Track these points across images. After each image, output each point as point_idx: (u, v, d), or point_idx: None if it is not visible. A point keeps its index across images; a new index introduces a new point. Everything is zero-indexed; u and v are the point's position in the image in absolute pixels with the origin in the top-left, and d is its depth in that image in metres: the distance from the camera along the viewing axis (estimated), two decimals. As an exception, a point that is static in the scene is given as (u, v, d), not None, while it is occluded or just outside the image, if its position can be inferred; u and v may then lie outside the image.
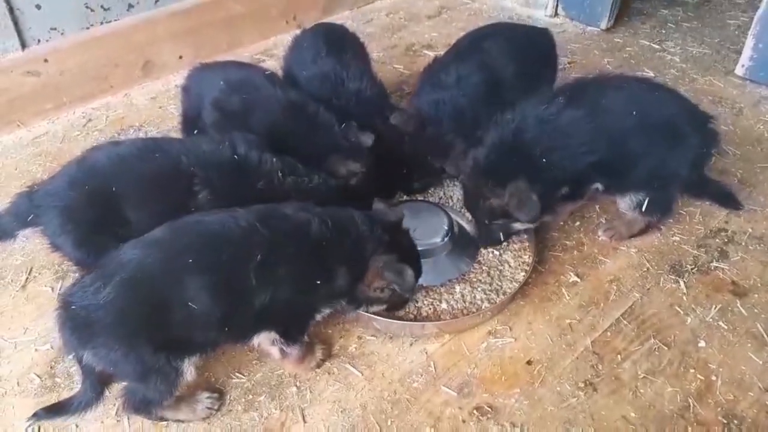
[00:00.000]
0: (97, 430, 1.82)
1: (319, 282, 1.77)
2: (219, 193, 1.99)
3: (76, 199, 1.92)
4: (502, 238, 2.28)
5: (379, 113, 2.51)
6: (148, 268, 1.63)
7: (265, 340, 1.82)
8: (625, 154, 2.18)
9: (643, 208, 2.29)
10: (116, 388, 1.82)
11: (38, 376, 1.95)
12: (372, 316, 2.03)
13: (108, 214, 1.94)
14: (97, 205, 1.93)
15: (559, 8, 3.94)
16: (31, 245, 2.37)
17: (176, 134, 2.80)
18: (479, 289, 2.21)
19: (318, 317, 1.89)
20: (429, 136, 2.43)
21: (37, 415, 1.75)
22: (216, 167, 2.02)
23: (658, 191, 2.29)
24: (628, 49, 3.67)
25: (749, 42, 3.31)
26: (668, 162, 2.22)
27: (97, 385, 1.75)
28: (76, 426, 1.81)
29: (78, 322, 1.62)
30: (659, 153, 2.20)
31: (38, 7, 2.95)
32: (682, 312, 2.16)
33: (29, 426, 1.80)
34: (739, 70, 3.39)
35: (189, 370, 1.72)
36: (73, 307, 1.62)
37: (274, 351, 1.86)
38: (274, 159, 2.07)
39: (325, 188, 2.11)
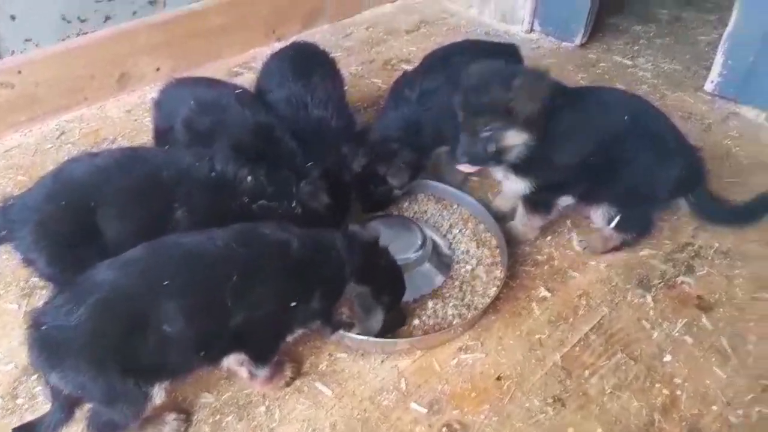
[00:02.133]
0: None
1: (295, 303, 1.77)
2: (196, 211, 1.98)
3: (52, 213, 1.88)
4: (487, 152, 2.17)
5: (339, 143, 2.45)
6: (122, 289, 1.61)
7: (233, 361, 1.81)
8: (604, 168, 2.22)
9: (612, 225, 2.32)
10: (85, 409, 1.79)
11: (0, 396, 1.93)
12: (344, 333, 2.03)
13: (84, 229, 1.90)
14: (74, 220, 1.90)
15: (535, 24, 4.00)
16: (-1, 261, 2.35)
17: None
18: (451, 304, 2.23)
19: (290, 339, 1.89)
20: (375, 145, 2.45)
21: None
22: (195, 183, 2.00)
23: (633, 209, 2.32)
24: (601, 64, 3.73)
25: (719, 58, 3.39)
26: (648, 182, 2.26)
27: (66, 405, 1.72)
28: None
29: (48, 343, 1.59)
30: (640, 171, 2.23)
31: (13, 18, 2.93)
32: (648, 326, 2.20)
33: None
34: (708, 86, 3.46)
35: (158, 394, 1.70)
36: (43, 327, 1.59)
37: (243, 372, 1.85)
38: (249, 178, 2.05)
39: (291, 215, 2.08)
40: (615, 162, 2.24)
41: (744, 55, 3.24)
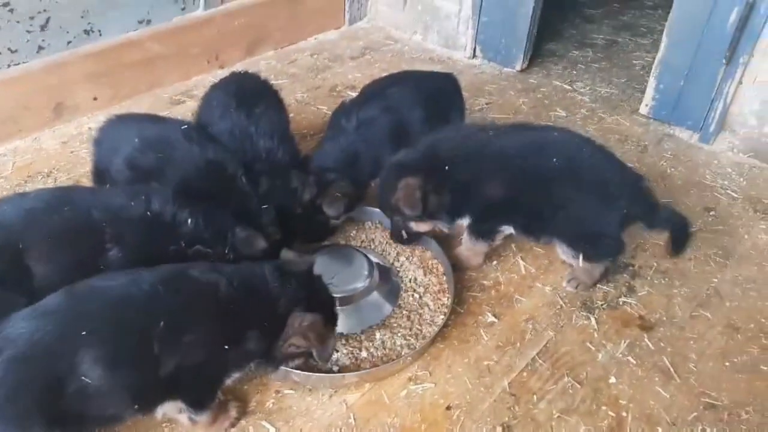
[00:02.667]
0: None
1: (227, 347, 1.71)
2: (130, 251, 1.91)
3: None
4: (404, 236, 2.43)
5: (286, 175, 2.44)
6: (38, 343, 1.52)
7: (171, 409, 1.74)
8: (547, 202, 2.27)
9: (580, 260, 2.34)
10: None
11: None
12: (290, 369, 1.98)
13: (12, 270, 1.82)
14: (1, 261, 1.81)
15: (477, 50, 4.09)
16: None
17: (88, 180, 2.68)
18: (399, 334, 2.21)
19: (228, 381, 1.83)
20: (313, 174, 2.45)
21: None
22: (128, 223, 1.94)
23: (592, 243, 2.33)
24: (542, 89, 3.84)
25: (651, 82, 3.54)
26: (595, 217, 2.30)
27: None
28: None
29: None
30: (585, 207, 2.27)
31: (-59, 48, 2.81)
32: (593, 348, 2.23)
33: None
34: (643, 109, 3.60)
35: None
36: None
37: (183, 418, 1.78)
38: (189, 220, 1.99)
39: (228, 259, 2.02)
40: (550, 203, 2.28)
41: (674, 79, 3.39)
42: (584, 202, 2.27)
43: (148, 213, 1.96)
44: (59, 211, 1.92)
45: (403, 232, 2.43)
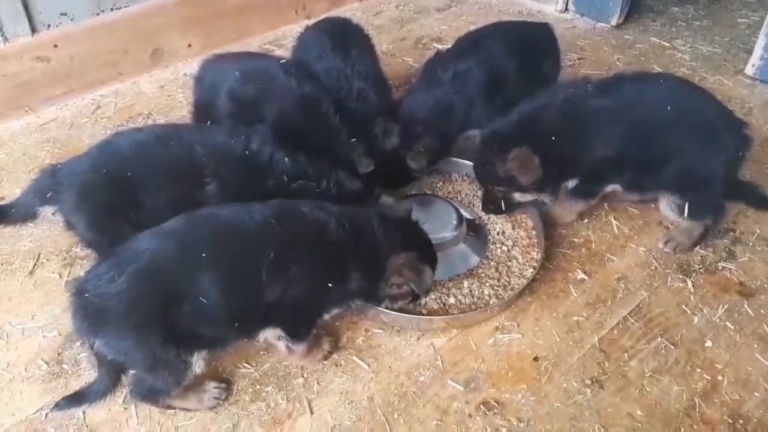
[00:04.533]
0: (104, 416, 1.82)
1: (331, 284, 1.77)
2: (228, 187, 1.99)
3: (95, 180, 1.95)
4: (503, 207, 2.34)
5: (377, 117, 2.45)
6: (161, 259, 1.63)
7: (270, 335, 1.82)
8: (656, 152, 2.17)
9: (686, 214, 2.26)
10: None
11: (45, 362, 1.96)
12: (380, 309, 2.03)
13: (124, 198, 1.95)
14: (114, 189, 1.95)
15: (570, 4, 3.92)
16: (39, 231, 2.38)
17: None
18: (487, 284, 2.22)
19: (327, 317, 1.89)
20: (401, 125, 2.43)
21: (58, 406, 1.76)
22: (227, 160, 2.01)
23: (699, 193, 2.25)
24: (638, 46, 3.65)
25: (760, 41, 3.30)
26: (703, 163, 2.20)
27: (112, 372, 1.76)
28: (83, 413, 1.82)
29: (90, 311, 1.62)
30: (694, 153, 2.18)
31: (48, -9, 2.95)
32: (689, 311, 2.17)
33: (48, 413, 1.80)
34: (749, 70, 3.37)
35: (198, 363, 1.73)
36: (86, 295, 1.62)
37: (280, 345, 1.86)
38: (286, 159, 2.04)
39: (329, 196, 2.05)
40: (661, 151, 2.19)
41: (788, 37, 3.15)
42: (693, 149, 2.18)
43: (247, 151, 2.03)
44: (167, 146, 2.02)
45: (502, 203, 2.35)
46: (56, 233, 2.34)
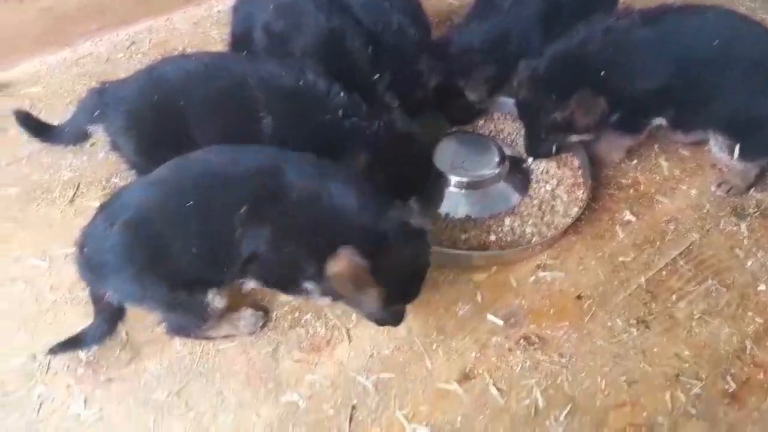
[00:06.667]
0: (147, 337, 1.85)
1: (290, 252, 1.62)
2: (282, 122, 1.90)
3: (143, 106, 1.91)
4: (553, 150, 2.25)
5: (417, 53, 2.34)
6: (147, 209, 1.60)
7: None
8: (702, 88, 2.04)
9: (736, 155, 2.13)
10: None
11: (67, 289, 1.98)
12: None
13: (172, 127, 1.91)
14: (162, 117, 1.91)
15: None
16: (78, 162, 2.38)
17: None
18: (529, 222, 2.15)
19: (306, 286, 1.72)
20: (456, 55, 2.33)
21: (53, 351, 1.76)
22: (281, 93, 1.92)
23: (752, 133, 2.11)
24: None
25: (829, -19, 3.06)
26: (757, 102, 2.06)
27: (109, 318, 1.76)
28: (126, 333, 1.84)
29: (92, 264, 1.65)
30: (745, 91, 2.04)
31: (83, -76, 2.88)
32: (742, 255, 2.07)
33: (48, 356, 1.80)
34: (814, 11, 3.15)
35: (216, 299, 1.72)
36: (85, 249, 1.64)
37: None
38: (342, 93, 1.96)
39: (378, 139, 1.96)
40: (709, 88, 2.06)
41: None
42: (744, 85, 2.04)
43: (301, 83, 1.95)
44: (217, 76, 1.95)
45: (554, 147, 2.24)
46: (95, 164, 2.34)
